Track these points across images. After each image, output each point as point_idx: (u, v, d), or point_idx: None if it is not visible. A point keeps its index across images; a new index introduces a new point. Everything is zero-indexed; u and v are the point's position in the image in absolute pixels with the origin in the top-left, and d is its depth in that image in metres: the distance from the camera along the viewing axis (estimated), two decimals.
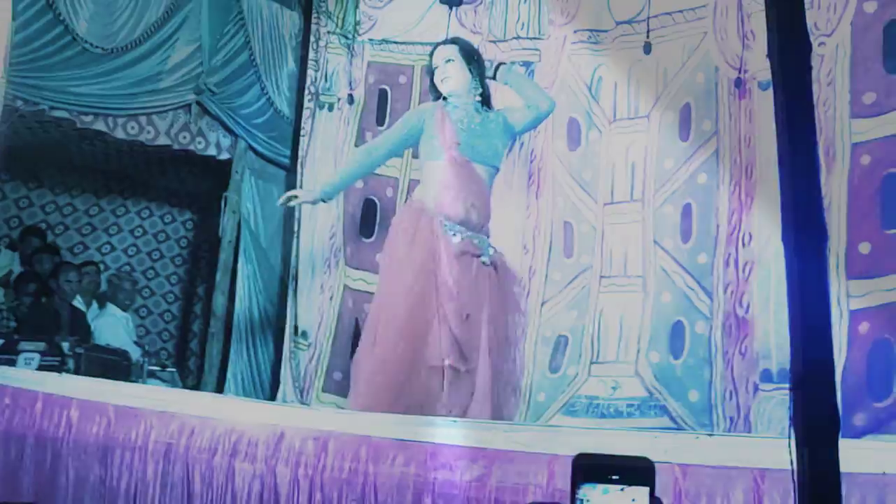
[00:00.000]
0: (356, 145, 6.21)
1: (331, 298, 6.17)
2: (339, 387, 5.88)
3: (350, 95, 6.39)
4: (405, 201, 5.99)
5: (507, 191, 5.42)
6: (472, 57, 4.33)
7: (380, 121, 6.25)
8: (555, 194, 5.52)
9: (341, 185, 4.70)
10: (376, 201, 6.19)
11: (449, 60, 4.29)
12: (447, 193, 4.12)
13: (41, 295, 6.52)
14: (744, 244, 4.81)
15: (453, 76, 4.28)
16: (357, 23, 6.34)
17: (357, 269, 6.13)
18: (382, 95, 6.28)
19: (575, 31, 5.56)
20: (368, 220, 6.21)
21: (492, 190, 4.31)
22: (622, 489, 1.22)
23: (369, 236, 6.19)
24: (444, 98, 4.28)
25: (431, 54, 4.40)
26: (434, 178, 4.18)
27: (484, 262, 4.11)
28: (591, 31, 5.53)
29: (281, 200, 4.51)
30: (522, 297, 5.21)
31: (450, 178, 4.12)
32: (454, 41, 4.54)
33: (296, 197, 4.48)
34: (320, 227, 6.37)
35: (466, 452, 2.92)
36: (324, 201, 4.59)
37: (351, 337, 5.98)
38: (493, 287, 4.15)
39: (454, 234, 4.07)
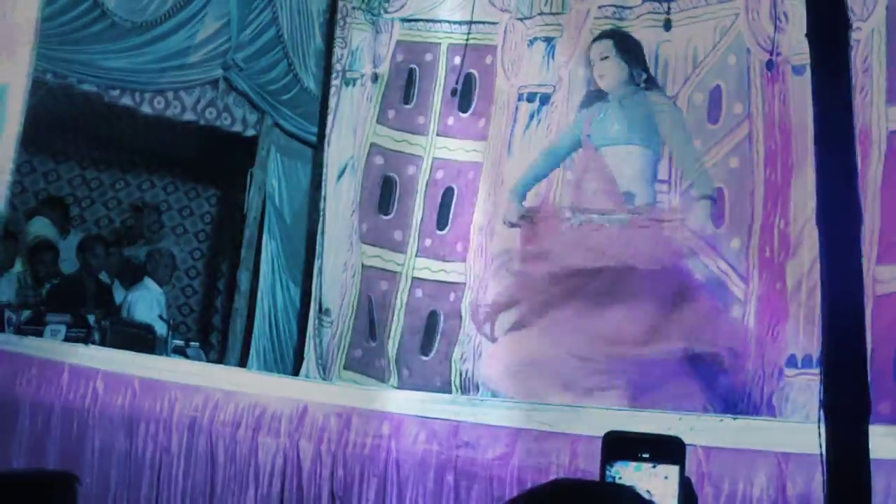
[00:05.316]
0: (378, 122, 6.18)
1: (353, 276, 6.16)
2: (360, 364, 5.90)
3: (374, 74, 6.32)
4: (427, 182, 5.99)
5: None
6: (628, 48, 4.37)
7: (406, 99, 6.21)
8: None
9: None
10: (395, 178, 6.15)
11: (605, 58, 4.33)
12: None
13: (56, 264, 6.52)
14: (779, 230, 4.77)
15: (608, 73, 4.33)
16: (386, 0, 6.29)
17: (373, 245, 6.11)
18: (410, 74, 6.24)
19: (599, 7, 5.50)
20: (387, 196, 6.18)
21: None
22: (653, 466, 1.21)
23: (387, 213, 6.16)
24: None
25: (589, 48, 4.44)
26: None
27: None
28: (616, 7, 5.46)
29: None
30: None
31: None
32: (610, 35, 4.56)
33: None
34: (343, 204, 6.34)
35: (489, 431, 2.93)
36: None
37: (367, 315, 6.00)
38: None
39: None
